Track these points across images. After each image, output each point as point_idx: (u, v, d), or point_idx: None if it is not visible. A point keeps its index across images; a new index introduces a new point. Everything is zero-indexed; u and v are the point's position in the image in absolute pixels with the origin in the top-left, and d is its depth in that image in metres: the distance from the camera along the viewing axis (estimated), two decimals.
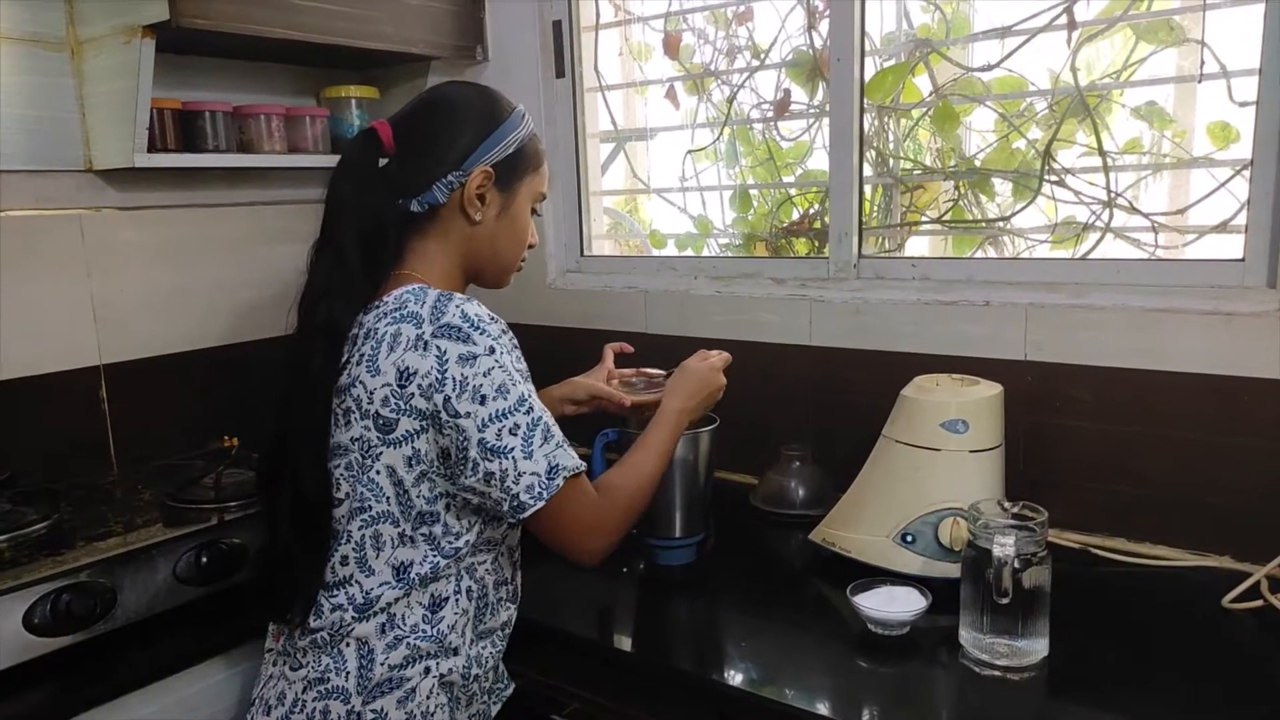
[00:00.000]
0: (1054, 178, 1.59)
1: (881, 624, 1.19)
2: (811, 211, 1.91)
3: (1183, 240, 1.54)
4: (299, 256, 1.16)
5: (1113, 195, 1.54)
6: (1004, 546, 1.08)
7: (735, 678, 1.15)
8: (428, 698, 1.09)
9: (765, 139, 1.94)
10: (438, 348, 1.03)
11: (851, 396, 1.66)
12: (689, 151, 2.01)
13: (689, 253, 2.06)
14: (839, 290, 1.69)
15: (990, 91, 1.66)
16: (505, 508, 1.04)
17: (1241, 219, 1.40)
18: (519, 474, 1.03)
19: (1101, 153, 1.54)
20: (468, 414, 1.02)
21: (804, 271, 1.77)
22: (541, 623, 1.29)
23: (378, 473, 1.07)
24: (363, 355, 1.06)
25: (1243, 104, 1.39)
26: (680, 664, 1.21)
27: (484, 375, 1.03)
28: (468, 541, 1.10)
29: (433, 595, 1.10)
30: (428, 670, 1.10)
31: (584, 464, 1.09)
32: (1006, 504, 1.19)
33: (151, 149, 1.62)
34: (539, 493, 1.04)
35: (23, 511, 1.41)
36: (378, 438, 1.05)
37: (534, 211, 1.24)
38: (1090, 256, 1.57)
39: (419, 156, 1.14)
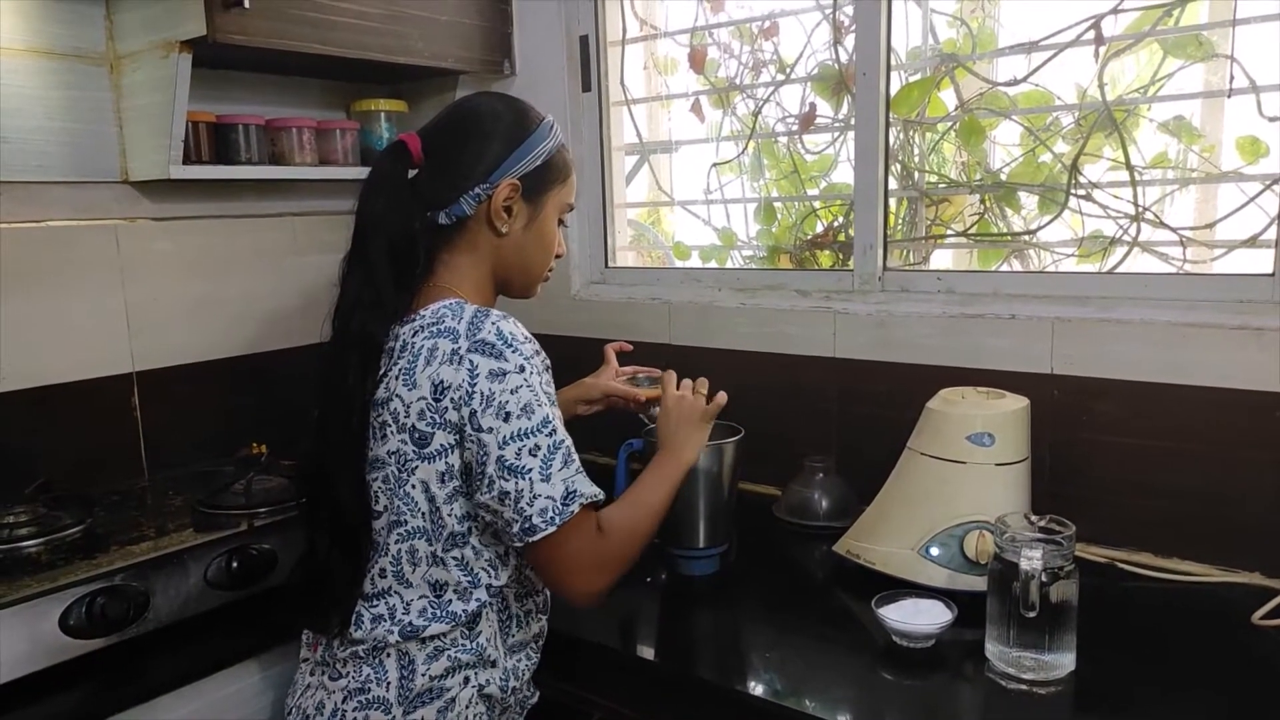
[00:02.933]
0: (1081, 192, 1.59)
1: (907, 636, 1.19)
2: (836, 224, 1.92)
3: (1211, 255, 1.53)
4: (329, 267, 1.18)
5: (1140, 209, 1.54)
6: (1031, 560, 1.08)
7: (758, 688, 1.15)
8: (467, 708, 1.11)
9: (790, 152, 1.94)
10: (470, 362, 1.04)
11: (875, 409, 1.66)
12: (714, 164, 2.02)
13: (713, 265, 2.07)
14: (863, 303, 1.70)
15: (1016, 106, 1.66)
16: (515, 529, 1.04)
17: (1271, 234, 1.39)
18: (534, 495, 1.03)
19: (1129, 167, 1.54)
20: (490, 429, 1.03)
21: (828, 284, 1.78)
22: (565, 632, 1.29)
23: (413, 487, 1.07)
24: (400, 369, 1.07)
25: (1272, 119, 1.39)
26: (703, 674, 1.21)
27: (511, 393, 1.03)
28: (501, 576, 1.11)
29: (469, 614, 1.11)
30: (467, 680, 1.11)
31: (602, 494, 1.08)
32: (1033, 517, 1.19)
33: (186, 161, 1.65)
34: (552, 517, 1.03)
35: (57, 515, 1.44)
36: (413, 452, 1.06)
37: (561, 223, 1.25)
38: (1117, 270, 1.57)
39: (446, 169, 1.15)
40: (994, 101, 1.68)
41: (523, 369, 1.04)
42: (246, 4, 1.49)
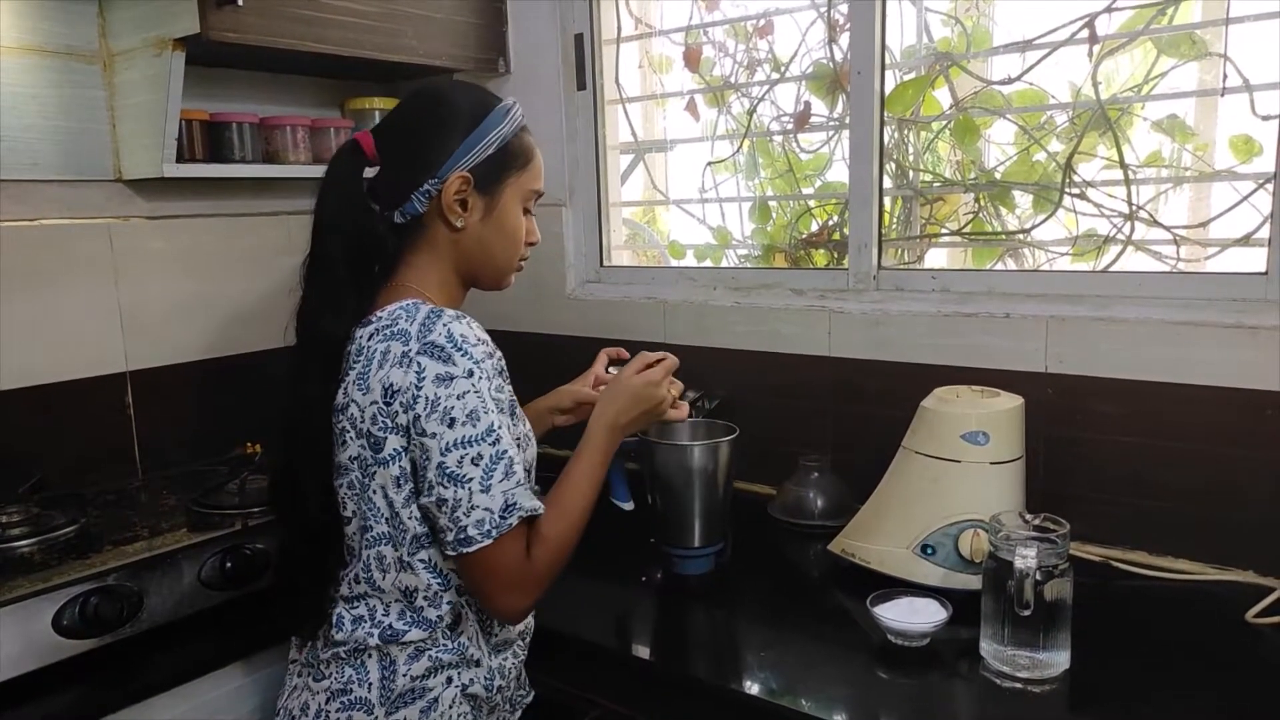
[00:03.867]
0: (1075, 190, 1.59)
1: (902, 635, 1.19)
2: (831, 223, 1.92)
3: (1205, 253, 1.53)
4: None
5: (1134, 208, 1.54)
6: (1025, 558, 1.08)
7: (754, 687, 1.15)
8: (450, 707, 1.10)
9: (785, 151, 1.94)
10: (418, 364, 1.02)
11: (870, 407, 1.66)
12: (709, 163, 2.02)
13: (708, 263, 2.07)
14: (858, 301, 1.70)
15: (1011, 105, 1.66)
16: (449, 537, 1.02)
17: (1265, 232, 1.40)
18: (472, 506, 1.01)
19: (1123, 166, 1.54)
20: (433, 434, 1.01)
21: (823, 283, 1.78)
22: (561, 630, 1.30)
23: (374, 493, 1.07)
24: (355, 373, 1.06)
25: (1265, 117, 1.39)
26: (699, 673, 1.21)
27: (457, 398, 1.01)
28: None
29: (450, 612, 1.10)
30: (450, 680, 1.10)
31: (542, 508, 1.06)
32: (1028, 516, 1.19)
33: (180, 159, 1.65)
34: (489, 529, 1.01)
35: (51, 515, 1.44)
36: (371, 457, 1.05)
37: (528, 210, 1.19)
38: (1112, 269, 1.57)
39: (397, 166, 1.13)
40: (988, 100, 1.68)
41: (471, 374, 1.02)
42: (240, 1, 1.48)
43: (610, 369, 1.42)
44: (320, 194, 1.12)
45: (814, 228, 1.95)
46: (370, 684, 1.08)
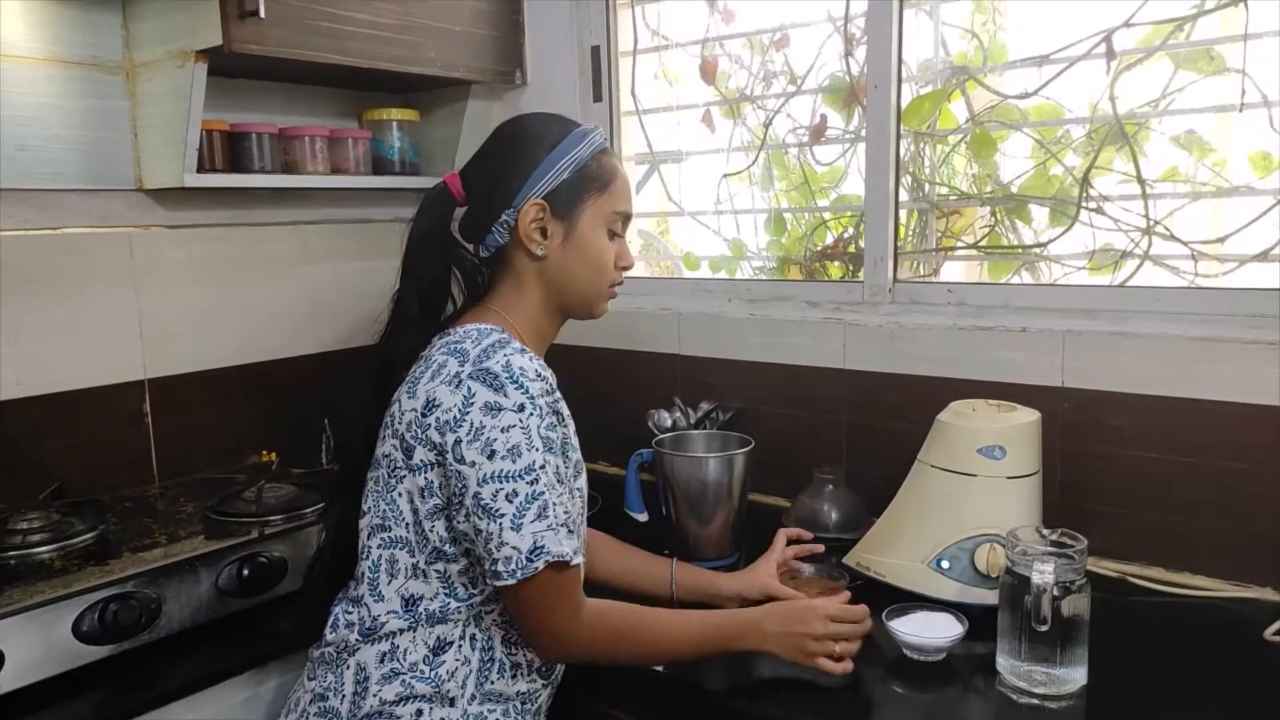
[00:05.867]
0: (1092, 205, 1.59)
1: (918, 650, 1.19)
2: (846, 235, 1.92)
3: (1222, 269, 1.53)
4: (341, 275, 1.21)
5: (1151, 223, 1.54)
6: (1043, 573, 1.08)
7: (768, 702, 1.15)
8: None
9: (800, 163, 1.95)
10: (468, 388, 1.02)
11: (885, 420, 1.66)
12: (724, 175, 2.03)
13: (723, 275, 2.07)
14: (873, 314, 1.70)
15: (1027, 118, 1.66)
16: (486, 566, 1.03)
17: None
18: (502, 542, 1.00)
19: (1140, 180, 1.54)
20: (472, 463, 1.00)
21: (838, 295, 1.78)
22: None
23: (399, 495, 1.08)
24: (413, 376, 1.09)
25: None
26: (713, 686, 1.21)
27: (502, 431, 1.00)
28: (483, 590, 1.09)
29: (439, 638, 1.08)
30: (419, 713, 1.07)
31: (575, 556, 1.03)
32: (1045, 531, 1.18)
33: (200, 169, 1.67)
34: (514, 569, 1.00)
35: (71, 522, 1.45)
36: (402, 460, 1.07)
37: (614, 233, 1.18)
38: (1129, 284, 1.56)
39: (479, 202, 1.16)
40: (1005, 114, 1.68)
41: (522, 408, 1.01)
42: (262, 14, 1.50)
43: (789, 547, 1.36)
44: (408, 234, 1.17)
45: (829, 240, 1.95)
46: (343, 696, 1.08)
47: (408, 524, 1.07)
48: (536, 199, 1.12)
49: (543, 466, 1.01)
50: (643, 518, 1.53)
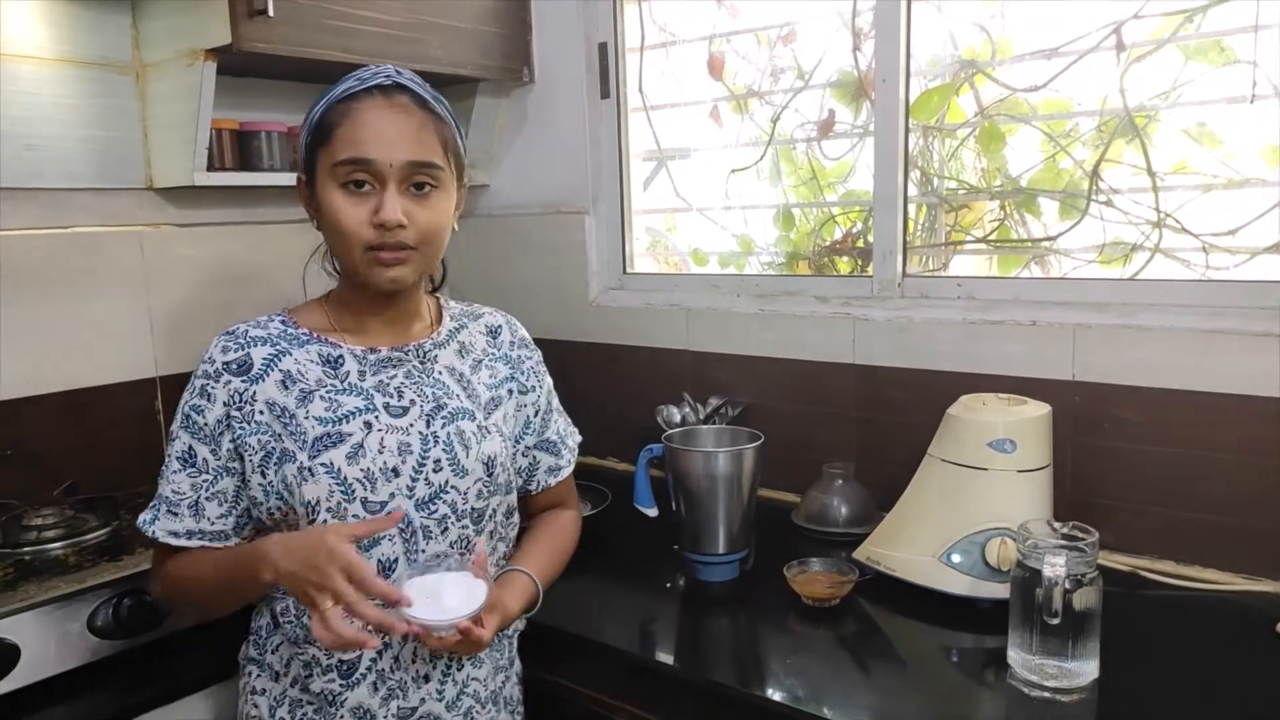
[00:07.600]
0: (1102, 198, 1.58)
1: (433, 629, 0.97)
2: (855, 230, 1.92)
3: (1233, 261, 1.52)
4: None
5: (1162, 215, 1.53)
6: (1055, 566, 1.08)
7: (779, 694, 1.15)
8: (251, 695, 1.13)
9: (809, 158, 1.95)
10: None
11: (895, 415, 1.66)
12: (732, 171, 2.02)
13: (731, 271, 2.07)
14: (883, 309, 1.70)
15: (1036, 112, 1.66)
16: None
17: None
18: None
19: (1150, 173, 1.53)
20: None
21: (848, 290, 1.78)
22: (583, 635, 1.30)
23: None
24: None
25: None
26: (723, 679, 1.21)
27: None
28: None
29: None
30: (250, 674, 1.15)
31: (148, 526, 1.08)
32: (1056, 524, 1.18)
33: (210, 168, 1.68)
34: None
35: (84, 518, 1.46)
36: None
37: (347, 186, 1.03)
38: (1139, 277, 1.56)
39: None
40: (1014, 108, 1.68)
41: (190, 384, 1.09)
42: (270, 13, 1.50)
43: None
44: None
45: (838, 235, 1.95)
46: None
47: None
48: (299, 174, 1.11)
49: (173, 439, 1.08)
50: (652, 513, 1.54)
